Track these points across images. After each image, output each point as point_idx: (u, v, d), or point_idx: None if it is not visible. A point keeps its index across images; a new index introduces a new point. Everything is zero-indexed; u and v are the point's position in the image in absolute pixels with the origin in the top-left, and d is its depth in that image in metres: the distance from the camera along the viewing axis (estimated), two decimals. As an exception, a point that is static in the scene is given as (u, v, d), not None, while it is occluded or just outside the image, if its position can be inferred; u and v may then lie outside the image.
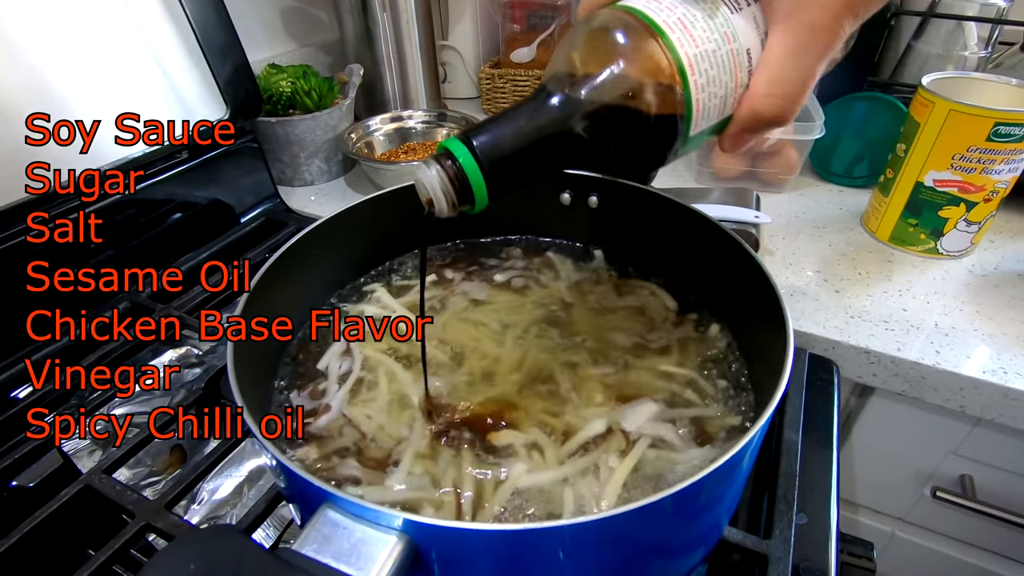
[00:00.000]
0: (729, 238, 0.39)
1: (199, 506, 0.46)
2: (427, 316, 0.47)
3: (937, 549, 0.69)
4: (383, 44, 0.88)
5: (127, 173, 0.59)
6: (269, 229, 0.74)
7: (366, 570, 0.22)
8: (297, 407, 0.40)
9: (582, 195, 0.50)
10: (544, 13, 0.98)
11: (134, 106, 0.58)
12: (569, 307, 0.48)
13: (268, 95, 0.78)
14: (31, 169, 0.51)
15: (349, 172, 0.88)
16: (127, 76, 0.58)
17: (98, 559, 0.37)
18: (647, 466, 0.34)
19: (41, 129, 0.52)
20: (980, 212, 0.61)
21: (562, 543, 0.24)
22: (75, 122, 0.54)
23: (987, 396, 0.52)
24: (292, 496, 0.31)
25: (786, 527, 0.36)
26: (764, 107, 0.29)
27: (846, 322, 0.57)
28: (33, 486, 0.47)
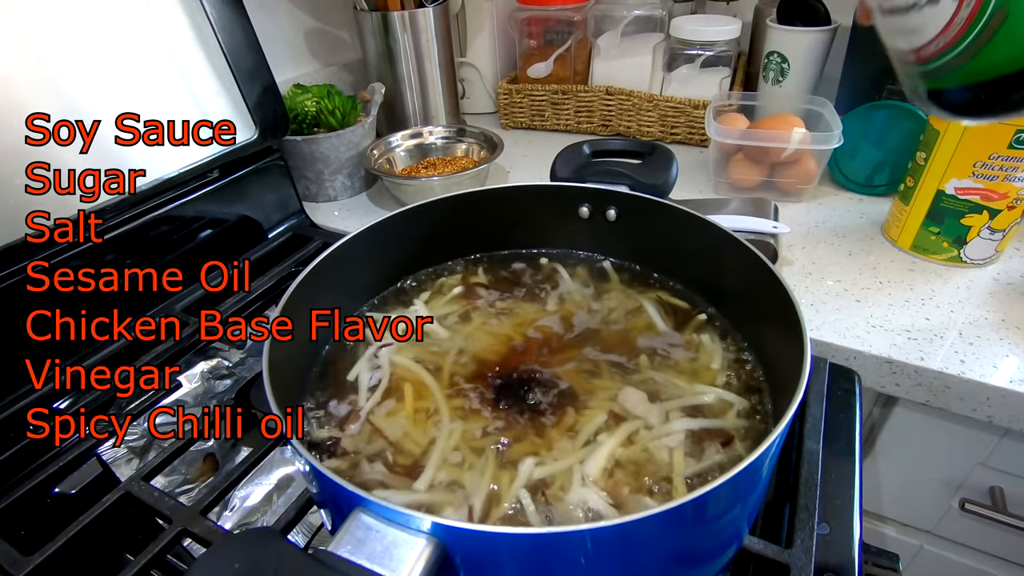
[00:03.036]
0: (745, 248, 0.40)
1: (231, 512, 0.48)
2: (427, 317, 0.49)
3: (967, 563, 0.68)
4: (404, 63, 0.91)
5: (162, 192, 0.62)
6: (295, 244, 0.76)
7: (398, 571, 0.23)
8: (297, 407, 0.42)
9: (601, 208, 0.51)
10: (560, 29, 1.00)
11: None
12: (589, 318, 0.49)
13: (294, 114, 0.81)
14: (82, 179, 0.56)
15: (371, 187, 0.90)
16: (164, 102, 0.61)
17: (138, 562, 0.39)
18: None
19: (93, 172, 0.56)
20: (1004, 220, 0.61)
21: (584, 547, 0.24)
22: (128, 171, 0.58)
23: (1015, 406, 0.51)
24: (324, 501, 0.32)
25: (807, 537, 0.36)
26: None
27: (867, 331, 0.56)
28: (75, 493, 0.49)
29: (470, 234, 0.55)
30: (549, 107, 1.02)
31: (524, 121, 1.05)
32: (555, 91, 0.99)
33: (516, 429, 0.39)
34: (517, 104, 1.04)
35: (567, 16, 0.98)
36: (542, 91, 1.00)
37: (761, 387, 0.41)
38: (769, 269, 0.37)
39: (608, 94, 0.96)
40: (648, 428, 0.38)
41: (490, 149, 0.84)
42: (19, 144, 0.51)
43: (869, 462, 0.66)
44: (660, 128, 0.95)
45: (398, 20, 0.87)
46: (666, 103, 0.92)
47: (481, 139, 0.87)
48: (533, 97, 1.02)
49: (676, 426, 0.37)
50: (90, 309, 0.57)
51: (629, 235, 0.51)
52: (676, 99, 0.91)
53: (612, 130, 1.00)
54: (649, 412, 0.38)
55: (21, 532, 0.45)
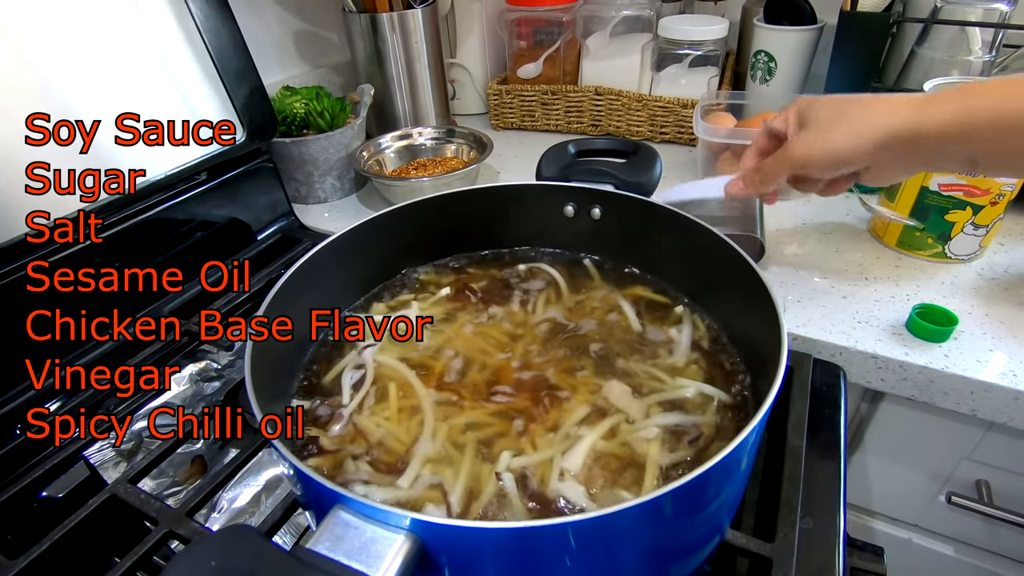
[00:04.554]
0: (726, 245, 0.40)
1: (219, 514, 0.48)
2: (427, 317, 0.49)
3: (955, 556, 0.68)
4: (393, 64, 0.91)
5: (150, 194, 0.62)
6: (285, 245, 0.76)
7: (376, 567, 0.23)
8: (297, 407, 0.42)
9: (585, 207, 0.52)
10: (550, 29, 1.00)
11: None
12: (572, 314, 0.49)
13: (283, 116, 0.81)
14: (85, 179, 0.56)
15: (361, 189, 0.90)
16: (153, 104, 0.61)
17: (123, 565, 0.39)
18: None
19: (92, 172, 0.56)
20: (987, 215, 0.61)
21: (563, 540, 0.25)
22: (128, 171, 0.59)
23: (998, 400, 0.52)
24: (308, 502, 0.32)
25: (790, 530, 0.37)
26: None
27: (853, 327, 0.57)
28: (62, 497, 0.48)
29: (454, 234, 0.55)
30: (539, 107, 1.02)
31: (514, 121, 1.06)
32: (545, 91, 0.99)
33: (499, 425, 0.39)
34: (507, 104, 1.04)
35: (556, 17, 0.98)
36: (532, 91, 1.00)
37: (741, 381, 0.41)
38: (749, 265, 0.37)
39: (597, 94, 0.96)
40: (629, 422, 0.38)
41: (480, 150, 0.85)
42: (19, 144, 0.51)
43: (857, 457, 0.66)
44: (649, 127, 0.96)
45: (387, 21, 0.87)
46: (655, 103, 0.93)
47: (471, 140, 0.88)
48: (523, 97, 1.02)
49: (657, 420, 0.38)
50: (89, 309, 0.58)
51: (613, 233, 0.52)
52: (665, 98, 0.92)
53: (602, 130, 1.01)
54: (631, 406, 0.38)
55: (7, 536, 0.45)
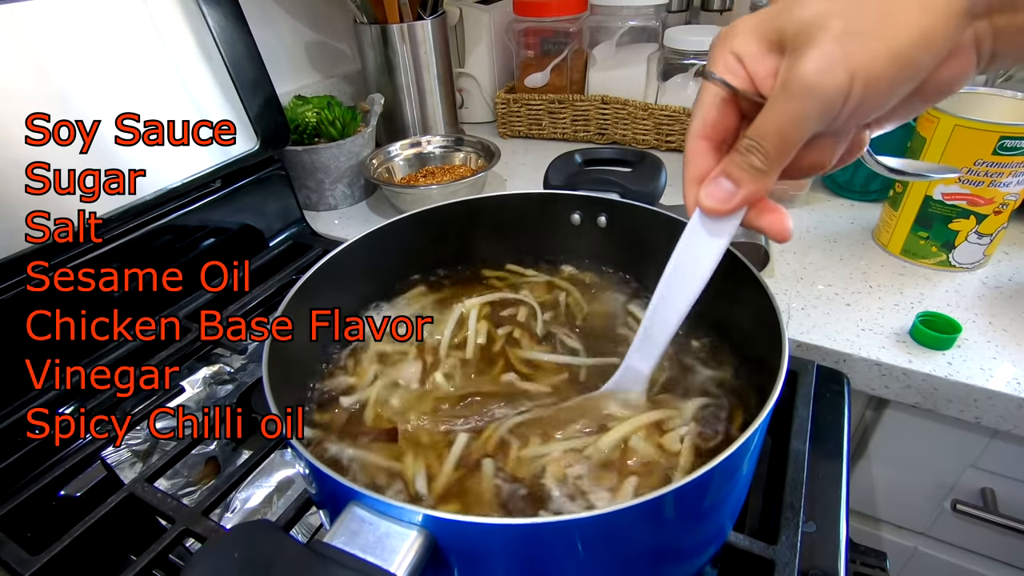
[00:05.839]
0: (730, 253, 0.41)
1: (232, 514, 0.49)
2: (427, 317, 0.50)
3: (961, 564, 0.68)
4: (403, 74, 0.93)
5: (166, 202, 0.64)
6: (296, 252, 0.77)
7: (390, 561, 0.24)
8: (297, 407, 0.43)
9: (592, 215, 0.53)
10: (557, 39, 1.02)
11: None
12: (579, 322, 0.50)
13: (295, 125, 0.82)
14: (82, 179, 0.56)
15: (371, 196, 0.92)
16: (169, 114, 0.63)
17: (141, 561, 0.40)
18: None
19: (92, 172, 0.57)
20: (991, 224, 0.62)
21: (570, 537, 0.25)
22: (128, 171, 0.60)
23: (1002, 407, 0.52)
24: (323, 500, 0.33)
25: (792, 534, 0.37)
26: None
27: (857, 335, 0.57)
28: (80, 495, 0.50)
29: (463, 242, 0.56)
30: (546, 116, 1.03)
31: (522, 130, 1.07)
32: (552, 100, 1.01)
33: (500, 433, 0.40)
34: (515, 113, 1.05)
35: (563, 27, 0.99)
36: (539, 100, 1.02)
37: (744, 389, 0.42)
38: (752, 273, 0.38)
39: (604, 103, 0.98)
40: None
41: (487, 158, 0.86)
42: (19, 144, 0.52)
43: (862, 464, 0.67)
44: (655, 136, 0.97)
45: (397, 32, 0.89)
46: (661, 112, 0.94)
47: (479, 148, 0.89)
48: (530, 106, 1.03)
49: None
50: (90, 310, 0.58)
51: (619, 241, 0.52)
52: (671, 108, 0.93)
53: (608, 138, 1.02)
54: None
55: (28, 533, 0.46)
